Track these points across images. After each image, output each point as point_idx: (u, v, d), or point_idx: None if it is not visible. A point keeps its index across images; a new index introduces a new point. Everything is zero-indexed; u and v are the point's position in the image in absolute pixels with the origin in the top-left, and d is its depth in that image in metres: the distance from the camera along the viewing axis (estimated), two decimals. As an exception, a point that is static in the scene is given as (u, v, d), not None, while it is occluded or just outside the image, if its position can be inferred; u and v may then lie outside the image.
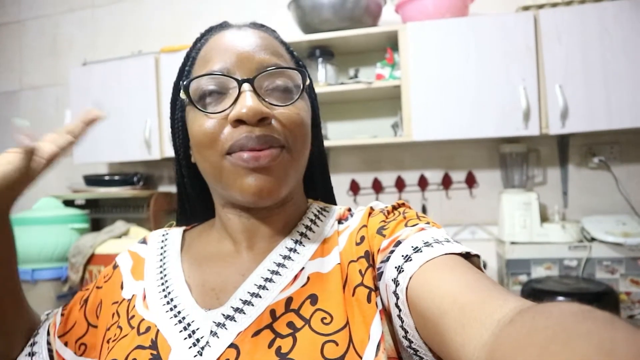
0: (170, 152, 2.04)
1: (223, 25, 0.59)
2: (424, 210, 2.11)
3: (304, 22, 1.94)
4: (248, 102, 0.49)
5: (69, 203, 2.19)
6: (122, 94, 2.13)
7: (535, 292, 1.61)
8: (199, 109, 0.52)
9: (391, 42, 1.93)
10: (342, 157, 2.21)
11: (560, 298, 1.55)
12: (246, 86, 0.50)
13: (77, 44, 2.60)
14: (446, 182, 2.10)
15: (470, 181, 2.08)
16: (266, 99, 0.51)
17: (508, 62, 1.75)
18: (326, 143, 2.00)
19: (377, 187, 2.16)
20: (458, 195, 2.10)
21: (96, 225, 2.26)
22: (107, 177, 2.27)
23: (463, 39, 1.79)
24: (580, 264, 1.72)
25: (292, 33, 2.04)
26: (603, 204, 1.94)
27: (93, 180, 2.27)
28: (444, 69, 1.80)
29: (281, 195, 0.53)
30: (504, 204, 1.86)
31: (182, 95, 0.54)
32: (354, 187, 2.18)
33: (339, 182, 2.19)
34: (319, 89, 1.91)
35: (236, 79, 0.51)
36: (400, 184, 2.14)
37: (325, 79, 1.98)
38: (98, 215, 2.30)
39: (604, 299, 1.55)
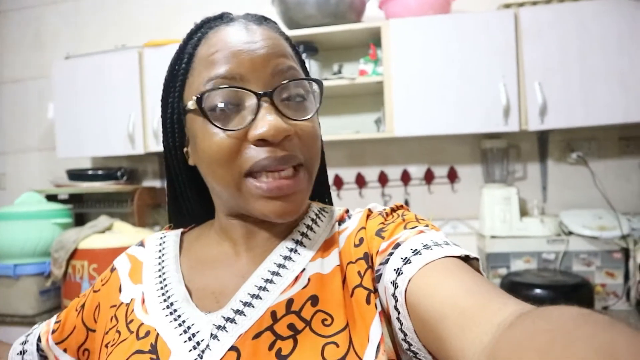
0: (154, 147, 2.04)
1: (224, 19, 0.55)
2: (406, 204, 2.14)
3: (288, 17, 1.94)
4: (270, 120, 0.47)
5: (52, 198, 2.18)
6: (105, 88, 2.12)
7: (514, 285, 1.64)
8: (217, 126, 0.49)
9: (374, 38, 1.95)
10: (325, 152, 2.22)
11: (538, 290, 1.59)
12: (265, 101, 0.48)
13: (60, 37, 2.57)
14: (429, 177, 2.13)
15: (452, 176, 2.11)
16: (283, 111, 0.49)
17: (489, 59, 1.78)
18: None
19: (361, 182, 2.18)
20: (440, 190, 2.13)
21: (80, 220, 2.25)
22: (90, 172, 2.26)
23: (445, 36, 1.81)
24: (558, 257, 1.76)
25: (277, 28, 2.04)
26: (581, 199, 1.98)
27: (76, 175, 2.25)
28: (427, 66, 1.82)
29: (300, 212, 0.52)
30: (485, 198, 1.89)
31: (191, 105, 0.50)
32: (338, 182, 2.19)
33: (323, 177, 2.20)
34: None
35: (255, 93, 0.48)
36: (383, 179, 2.16)
37: (309, 74, 1.98)
38: (81, 210, 2.29)
39: (579, 290, 1.59)
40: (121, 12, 2.49)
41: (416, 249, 0.44)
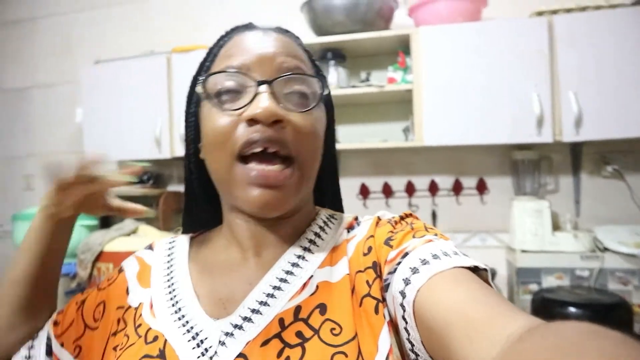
0: (180, 152, 2.05)
1: (249, 26, 0.58)
2: (433, 215, 2.10)
3: (316, 24, 1.94)
4: (264, 103, 0.48)
5: (78, 200, 2.20)
6: (133, 93, 2.14)
7: (546, 302, 1.58)
8: (215, 104, 0.51)
9: (403, 46, 1.92)
10: (352, 161, 2.20)
11: (572, 309, 1.52)
12: (264, 87, 0.50)
13: (89, 43, 2.62)
14: (457, 188, 2.08)
15: (481, 187, 2.06)
16: (282, 103, 0.51)
17: (521, 67, 1.73)
18: (336, 146, 1.99)
19: (387, 191, 2.14)
20: (468, 201, 2.08)
21: (105, 223, 2.26)
22: (116, 176, 2.27)
23: (476, 44, 1.77)
24: (593, 275, 1.69)
25: (304, 35, 2.04)
26: (616, 214, 1.90)
27: (102, 179, 2.27)
28: (457, 74, 1.78)
29: (287, 209, 0.52)
30: (515, 211, 1.84)
31: (199, 89, 0.53)
32: (364, 191, 2.16)
33: (349, 186, 2.18)
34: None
35: (254, 79, 0.50)
36: (410, 189, 2.12)
37: (336, 81, 1.97)
38: (107, 213, 2.30)
39: (616, 310, 1.52)
40: (149, 18, 2.52)
41: (425, 259, 0.44)
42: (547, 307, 1.57)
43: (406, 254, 0.46)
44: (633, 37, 1.65)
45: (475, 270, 0.44)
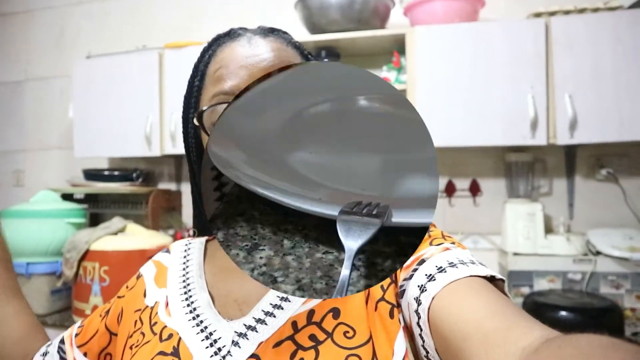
0: (170, 149, 2.03)
1: (231, 35, 0.58)
2: (426, 217, 2.08)
3: (311, 22, 1.91)
4: None
5: (67, 197, 2.17)
6: (125, 89, 2.11)
7: (538, 306, 1.57)
8: None
9: (398, 46, 1.90)
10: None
11: (563, 313, 1.51)
12: None
13: (83, 37, 2.58)
14: (449, 190, 2.06)
15: (474, 189, 2.04)
16: None
17: (517, 69, 1.71)
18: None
19: (380, 191, 2.12)
20: (461, 203, 2.06)
21: (95, 221, 2.24)
22: (106, 172, 2.25)
23: (472, 45, 1.75)
24: (585, 278, 1.68)
25: (298, 33, 2.02)
26: (610, 217, 1.89)
27: (92, 175, 2.24)
28: (451, 75, 1.77)
29: None
30: (508, 213, 1.82)
31: (196, 122, 0.53)
32: (356, 191, 2.14)
33: (341, 186, 2.16)
34: (323, 90, 1.88)
35: None
36: (403, 190, 2.10)
37: (330, 80, 1.95)
38: (97, 210, 2.28)
39: (608, 314, 1.51)
40: (143, 13, 2.49)
41: (441, 267, 0.44)
42: (538, 310, 1.55)
43: (423, 261, 0.46)
44: (631, 40, 1.63)
45: (491, 279, 0.43)
